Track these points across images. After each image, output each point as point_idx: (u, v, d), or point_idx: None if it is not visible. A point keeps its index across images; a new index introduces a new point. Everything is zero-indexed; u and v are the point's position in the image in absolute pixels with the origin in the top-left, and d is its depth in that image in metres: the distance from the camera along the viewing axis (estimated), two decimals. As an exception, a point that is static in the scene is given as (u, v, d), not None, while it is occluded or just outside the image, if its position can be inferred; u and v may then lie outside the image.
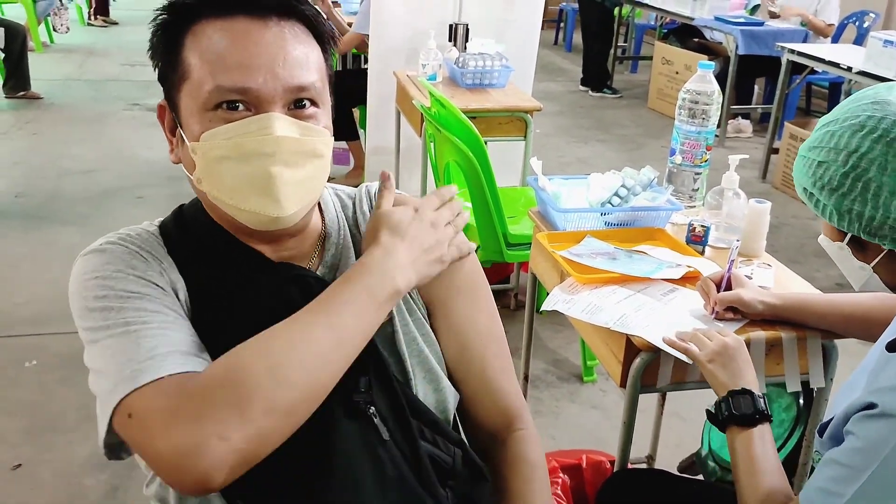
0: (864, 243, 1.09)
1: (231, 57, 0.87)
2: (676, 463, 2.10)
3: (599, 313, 1.45)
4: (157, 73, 0.95)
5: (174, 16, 0.92)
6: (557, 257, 1.64)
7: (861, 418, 0.98)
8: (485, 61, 3.40)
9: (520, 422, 1.11)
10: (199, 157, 0.90)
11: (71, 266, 0.93)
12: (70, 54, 7.39)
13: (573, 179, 1.99)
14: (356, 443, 0.91)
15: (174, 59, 0.91)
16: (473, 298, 1.10)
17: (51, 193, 4.15)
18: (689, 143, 1.95)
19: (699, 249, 1.73)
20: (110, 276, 0.89)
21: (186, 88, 0.90)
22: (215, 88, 0.87)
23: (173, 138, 0.96)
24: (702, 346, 1.31)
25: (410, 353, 1.03)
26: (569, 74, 7.68)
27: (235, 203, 0.90)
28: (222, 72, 0.87)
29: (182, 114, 0.92)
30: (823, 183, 1.08)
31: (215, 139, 0.88)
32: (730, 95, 5.43)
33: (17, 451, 2.24)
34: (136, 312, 0.86)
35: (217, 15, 0.90)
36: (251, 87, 0.87)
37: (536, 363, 2.78)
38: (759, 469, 1.13)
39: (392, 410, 0.95)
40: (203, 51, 0.89)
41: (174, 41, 0.91)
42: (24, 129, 5.18)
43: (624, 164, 2.07)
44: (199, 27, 0.90)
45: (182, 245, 0.97)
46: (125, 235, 0.95)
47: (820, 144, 1.09)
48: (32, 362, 2.65)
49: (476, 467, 1.04)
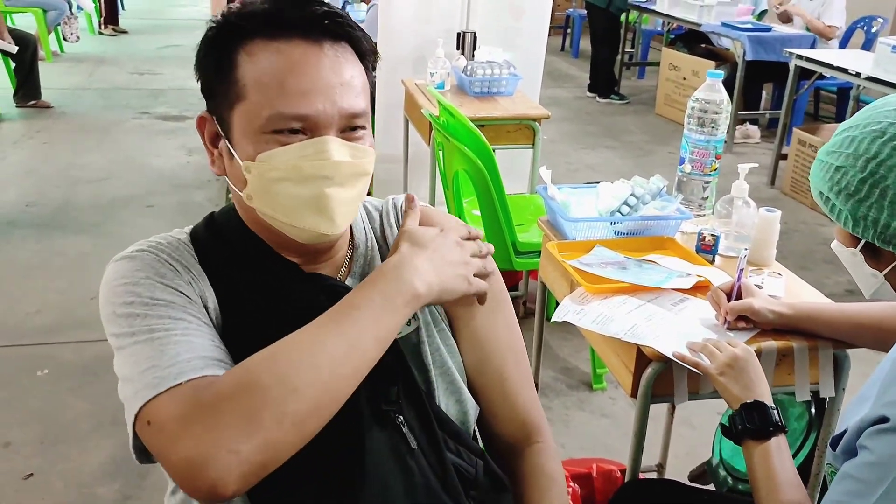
0: (878, 250, 1.08)
1: (291, 84, 0.89)
2: (687, 472, 2.10)
3: (610, 324, 1.45)
4: (202, 86, 0.95)
5: (227, 33, 0.92)
6: (568, 267, 1.64)
7: (874, 433, 0.97)
8: (493, 69, 3.41)
9: (539, 434, 1.12)
10: (253, 176, 0.91)
11: (82, 275, 0.94)
12: (80, 63, 7.44)
13: (582, 188, 2.00)
14: (385, 451, 0.93)
15: (227, 77, 0.91)
16: (495, 311, 1.11)
17: (61, 202, 4.17)
18: (699, 152, 1.95)
19: (709, 259, 1.73)
20: (138, 283, 0.90)
21: (241, 109, 0.91)
22: (276, 115, 0.89)
23: (214, 150, 0.97)
24: (712, 358, 1.30)
25: (434, 365, 1.05)
26: (576, 80, 7.69)
27: (289, 221, 0.93)
28: (282, 99, 0.89)
29: (234, 132, 0.93)
30: (840, 188, 1.07)
31: (272, 161, 0.90)
32: (738, 101, 5.43)
33: (30, 461, 2.25)
34: (160, 320, 0.87)
35: (271, 36, 0.90)
36: (310, 114, 0.89)
37: (546, 371, 2.78)
38: (779, 482, 1.13)
39: (419, 420, 0.97)
40: (261, 74, 0.89)
41: (227, 59, 0.91)
42: (35, 139, 5.22)
43: (632, 170, 2.08)
44: (255, 47, 0.91)
45: (213, 252, 0.98)
46: (156, 244, 0.96)
47: (839, 149, 1.08)
48: (44, 371, 2.67)
49: (497, 478, 1.06)
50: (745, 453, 1.20)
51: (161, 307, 0.88)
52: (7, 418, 2.43)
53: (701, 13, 6.03)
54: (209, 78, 0.94)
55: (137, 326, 0.87)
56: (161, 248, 0.96)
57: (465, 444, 1.03)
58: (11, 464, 2.24)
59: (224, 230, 1.01)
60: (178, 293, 0.91)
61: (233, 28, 0.92)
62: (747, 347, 1.30)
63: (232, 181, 0.96)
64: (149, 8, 11.06)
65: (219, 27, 0.93)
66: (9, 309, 3.08)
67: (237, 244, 0.99)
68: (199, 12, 10.50)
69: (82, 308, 3.06)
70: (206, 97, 0.96)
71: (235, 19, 0.92)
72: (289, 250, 0.99)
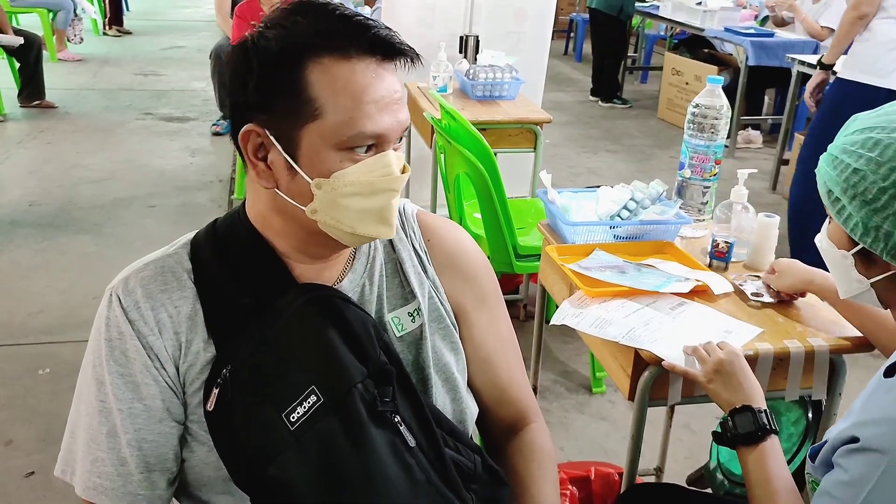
0: (873, 258, 1.04)
1: (369, 104, 0.91)
2: (685, 475, 2.11)
3: (608, 327, 1.46)
4: (256, 100, 0.92)
5: (294, 49, 0.90)
6: (567, 270, 1.65)
7: (846, 452, 0.97)
8: (495, 73, 3.42)
9: (534, 415, 1.19)
10: (323, 192, 0.93)
11: (84, 275, 0.97)
12: (84, 64, 7.47)
13: (582, 193, 2.00)
14: (385, 450, 0.95)
15: (296, 94, 0.90)
16: (497, 308, 1.18)
17: (64, 202, 4.19)
18: (698, 157, 1.96)
19: (723, 265, 1.74)
20: (103, 382, 0.97)
21: (316, 127, 0.90)
22: (356, 135, 0.91)
23: (259, 163, 0.95)
24: (702, 363, 1.31)
25: (433, 362, 1.08)
26: (579, 85, 7.70)
27: (353, 230, 0.95)
28: (362, 119, 0.90)
29: (302, 148, 0.92)
30: (856, 192, 1.00)
31: (345, 178, 0.92)
32: (740, 106, 5.43)
33: (31, 459, 2.26)
34: (117, 402, 0.96)
35: (343, 54, 0.90)
36: (384, 132, 0.93)
37: (545, 374, 2.78)
38: (774, 487, 1.12)
39: (416, 418, 1.00)
40: (339, 94, 0.90)
41: (295, 75, 0.90)
42: (39, 139, 5.24)
43: (634, 174, 2.09)
44: (327, 65, 0.90)
45: (210, 269, 1.00)
46: (148, 275, 0.99)
47: (859, 150, 1.00)
48: (46, 370, 2.69)
49: (495, 473, 1.08)
50: (739, 458, 1.20)
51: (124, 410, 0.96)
52: (8, 417, 2.45)
53: (704, 18, 6.04)
54: (268, 92, 0.91)
55: (101, 395, 0.97)
56: (151, 279, 0.98)
57: (462, 441, 1.06)
58: (13, 462, 2.25)
59: (225, 240, 1.02)
60: (139, 382, 0.96)
61: (301, 45, 0.90)
62: (734, 350, 1.30)
63: (289, 195, 0.95)
64: (153, 9, 11.09)
65: (285, 42, 0.90)
66: (11, 308, 3.10)
67: (240, 256, 1.01)
68: (203, 14, 10.52)
69: (84, 307, 3.07)
70: (255, 110, 0.93)
71: (304, 37, 0.90)
72: (302, 254, 1.01)
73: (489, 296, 1.17)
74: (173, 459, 0.98)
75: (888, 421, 0.94)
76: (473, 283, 1.15)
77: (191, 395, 0.97)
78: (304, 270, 1.02)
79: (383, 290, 1.07)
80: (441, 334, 1.10)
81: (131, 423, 0.95)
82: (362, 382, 0.95)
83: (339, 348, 0.95)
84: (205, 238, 1.03)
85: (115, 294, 0.97)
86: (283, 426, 0.91)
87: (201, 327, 0.97)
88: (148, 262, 1.00)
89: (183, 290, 0.98)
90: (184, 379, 0.97)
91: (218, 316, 0.97)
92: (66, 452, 1.00)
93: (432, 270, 1.12)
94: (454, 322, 1.13)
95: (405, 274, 1.09)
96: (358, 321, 0.99)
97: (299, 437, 0.92)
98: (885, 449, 0.92)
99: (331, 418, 0.93)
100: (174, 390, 0.97)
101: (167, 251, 1.02)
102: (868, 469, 0.93)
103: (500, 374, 1.16)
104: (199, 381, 0.96)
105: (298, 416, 0.92)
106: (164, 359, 0.96)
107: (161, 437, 0.96)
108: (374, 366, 0.97)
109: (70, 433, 1.00)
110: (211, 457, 0.96)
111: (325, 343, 0.95)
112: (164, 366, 0.96)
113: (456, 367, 1.11)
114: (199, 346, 0.97)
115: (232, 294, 0.98)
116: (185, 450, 0.99)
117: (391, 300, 1.08)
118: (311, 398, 0.93)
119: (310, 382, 0.93)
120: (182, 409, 0.98)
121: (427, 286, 1.11)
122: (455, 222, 1.24)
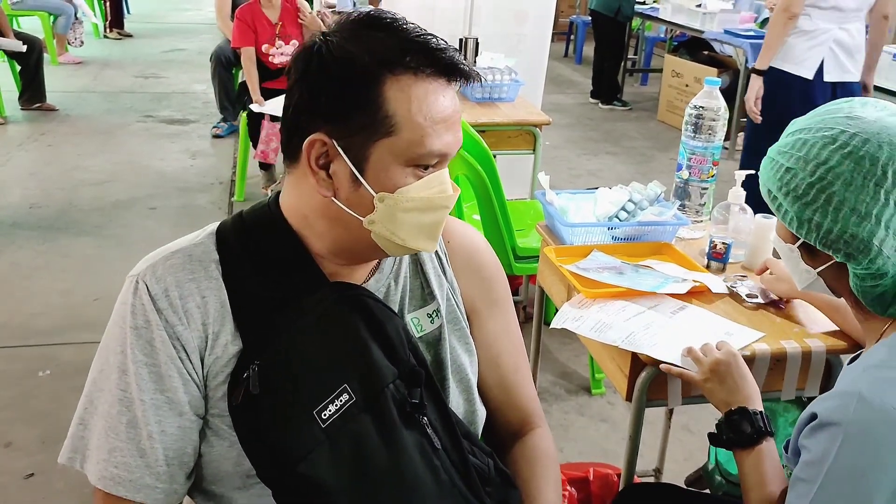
0: (815, 250, 1.09)
1: (440, 125, 0.93)
2: (684, 476, 2.11)
3: (608, 331, 1.46)
4: (328, 111, 0.92)
5: (376, 64, 0.91)
6: (564, 271, 1.66)
7: (807, 432, 1.02)
8: (494, 75, 3.43)
9: (539, 420, 1.20)
10: (385, 205, 0.94)
11: (85, 277, 0.97)
12: (85, 66, 7.48)
13: (581, 194, 2.01)
14: (414, 451, 0.96)
15: (372, 109, 0.91)
16: (507, 310, 1.20)
17: (65, 204, 4.20)
18: (696, 159, 1.96)
19: (720, 266, 1.74)
20: (126, 371, 0.95)
21: (389, 143, 0.91)
22: (427, 153, 0.93)
23: (320, 171, 0.95)
24: (698, 364, 1.32)
25: (451, 363, 1.09)
26: (579, 87, 7.70)
27: (404, 243, 0.96)
28: (434, 137, 0.92)
29: (370, 162, 0.93)
30: (789, 189, 1.08)
31: (408, 194, 0.94)
32: (739, 108, 5.44)
33: (31, 460, 2.27)
34: (139, 393, 0.94)
35: (417, 73, 0.92)
36: (449, 151, 0.95)
37: (545, 375, 2.79)
38: (769, 490, 1.13)
39: (441, 421, 1.01)
40: (415, 113, 0.91)
41: (373, 90, 0.91)
42: (40, 141, 5.25)
43: (634, 176, 2.09)
44: (405, 83, 0.91)
45: (238, 260, 0.99)
46: (178, 263, 0.97)
47: (790, 150, 1.08)
48: (46, 372, 2.69)
49: (506, 476, 1.10)
50: (735, 460, 1.21)
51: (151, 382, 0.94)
52: (9, 418, 2.45)
53: (704, 20, 6.05)
54: (344, 104, 0.91)
55: (122, 384, 0.95)
56: (181, 266, 0.97)
57: (475, 444, 1.08)
58: (14, 463, 2.26)
59: (255, 233, 1.01)
60: (163, 373, 0.95)
61: (382, 61, 0.91)
62: (731, 350, 1.30)
63: (348, 206, 0.95)
64: (154, 12, 11.10)
65: (368, 57, 0.91)
66: (12, 310, 3.10)
67: (271, 249, 1.00)
68: (204, 16, 10.54)
69: (85, 309, 3.08)
70: (324, 120, 0.92)
71: (385, 53, 0.91)
72: (337, 256, 1.01)
73: (501, 298, 1.19)
74: (192, 454, 0.97)
75: (842, 394, 1.00)
76: (488, 285, 1.17)
77: (213, 389, 0.96)
78: (335, 269, 1.02)
79: (406, 291, 1.08)
80: (457, 335, 1.12)
81: (153, 415, 0.94)
82: (394, 383, 0.97)
83: (372, 348, 0.96)
84: (232, 229, 1.02)
85: (143, 281, 0.95)
86: (315, 424, 0.92)
87: (229, 319, 0.96)
88: (175, 251, 0.99)
89: (210, 281, 0.97)
90: (208, 371, 0.96)
91: (246, 309, 0.96)
92: (76, 440, 0.97)
93: (451, 272, 1.14)
94: (468, 324, 1.15)
95: (426, 275, 1.10)
96: (389, 322, 1.00)
97: (331, 435, 0.92)
98: (839, 420, 0.97)
99: (363, 417, 0.94)
100: (197, 383, 0.96)
101: (194, 240, 1.01)
102: (827, 444, 0.97)
103: (508, 375, 1.18)
104: (224, 375, 0.96)
105: (330, 414, 0.92)
106: (190, 349, 0.95)
107: (181, 430, 0.95)
108: (404, 367, 0.98)
109: (80, 420, 0.98)
110: (231, 452, 0.96)
111: (358, 342, 0.96)
112: (190, 357, 0.95)
113: (470, 369, 1.12)
114: (227, 339, 0.96)
115: (261, 288, 0.97)
116: (203, 444, 0.98)
117: (412, 301, 1.09)
118: (344, 396, 0.93)
119: (342, 381, 0.94)
120: (203, 402, 0.97)
121: (445, 287, 1.12)
122: (470, 224, 1.26)
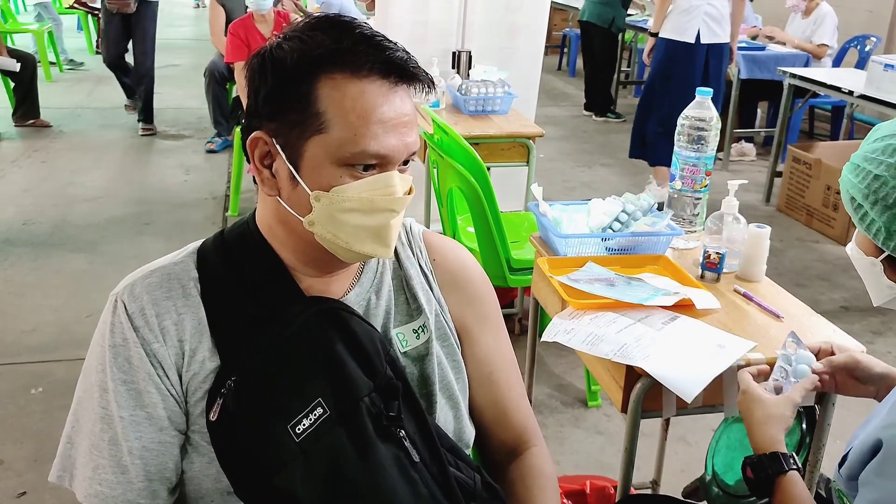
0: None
1: (376, 125, 0.92)
2: (681, 488, 2.09)
3: (600, 344, 1.45)
4: (262, 107, 0.94)
5: (308, 62, 0.92)
6: (553, 281, 1.65)
7: (875, 467, 0.94)
8: (487, 88, 3.44)
9: (535, 438, 1.18)
10: (322, 205, 0.94)
11: (77, 294, 0.97)
12: (79, 83, 7.48)
13: (574, 205, 2.01)
14: (390, 464, 0.96)
15: (305, 106, 0.92)
16: (499, 327, 1.19)
17: (59, 221, 4.18)
18: (689, 169, 1.96)
19: (714, 276, 1.74)
20: (106, 390, 0.96)
21: (320, 140, 0.92)
22: (360, 153, 0.92)
23: (264, 170, 0.97)
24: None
25: (438, 378, 1.08)
26: (572, 99, 7.73)
27: (349, 246, 0.96)
28: (367, 138, 0.91)
29: (304, 160, 0.93)
30: (878, 197, 1.01)
31: (345, 193, 0.93)
32: (732, 119, 5.46)
33: (23, 479, 2.25)
34: (119, 410, 0.95)
35: (355, 72, 0.92)
36: (388, 153, 0.93)
37: (540, 388, 2.78)
38: None
39: (420, 434, 1.00)
40: (347, 111, 0.91)
41: (306, 87, 0.92)
42: (33, 157, 5.24)
43: (628, 188, 2.09)
44: (338, 81, 0.91)
45: (217, 280, 1.00)
46: (154, 282, 0.98)
47: (880, 157, 1.02)
48: (38, 389, 2.67)
49: (494, 490, 1.09)
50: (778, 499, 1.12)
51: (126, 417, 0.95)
52: (0, 436, 2.43)
53: (695, 32, 6.06)
54: (278, 102, 0.93)
55: (104, 401, 0.96)
56: (158, 284, 0.98)
57: (462, 459, 1.06)
58: (5, 482, 2.24)
59: (234, 248, 1.02)
60: (141, 389, 0.95)
61: (315, 59, 0.92)
62: (752, 395, 1.20)
63: (289, 205, 0.96)
64: (148, 28, 11.09)
65: (300, 55, 0.92)
66: (4, 327, 3.08)
67: (247, 265, 1.01)
68: (198, 32, 10.54)
69: (77, 326, 3.07)
70: (265, 119, 0.95)
71: (319, 51, 0.92)
72: (306, 266, 1.01)
73: (491, 315, 1.18)
74: (173, 469, 0.97)
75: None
76: (477, 303, 1.16)
77: (193, 405, 0.96)
78: (311, 283, 1.02)
79: (391, 306, 1.08)
80: (445, 352, 1.11)
81: (133, 432, 0.94)
82: (369, 396, 0.96)
83: (347, 361, 0.96)
84: (213, 246, 1.03)
85: (121, 300, 0.97)
86: (289, 438, 0.92)
87: (206, 336, 0.97)
88: (154, 269, 1.00)
89: (188, 299, 0.98)
90: (186, 388, 0.97)
91: (224, 325, 0.97)
92: (64, 458, 0.99)
93: (437, 289, 1.13)
94: (457, 341, 1.14)
95: (412, 290, 1.10)
96: (365, 335, 0.99)
97: (305, 449, 0.92)
98: None
99: (338, 431, 0.94)
100: (176, 399, 0.96)
101: (174, 258, 1.02)
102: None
103: (501, 392, 1.16)
104: (203, 391, 0.96)
105: (304, 428, 0.92)
106: (167, 366, 0.95)
107: (162, 446, 0.96)
108: (380, 380, 0.98)
109: (67, 438, 0.99)
110: (210, 469, 0.96)
111: (332, 356, 0.96)
112: (168, 373, 0.96)
113: (457, 386, 1.11)
114: (204, 355, 0.96)
115: (239, 304, 0.98)
116: (184, 461, 0.98)
117: (398, 316, 1.08)
118: (318, 410, 0.93)
119: (316, 395, 0.94)
120: (184, 418, 0.97)
121: (434, 304, 1.11)
122: (457, 241, 1.25)
